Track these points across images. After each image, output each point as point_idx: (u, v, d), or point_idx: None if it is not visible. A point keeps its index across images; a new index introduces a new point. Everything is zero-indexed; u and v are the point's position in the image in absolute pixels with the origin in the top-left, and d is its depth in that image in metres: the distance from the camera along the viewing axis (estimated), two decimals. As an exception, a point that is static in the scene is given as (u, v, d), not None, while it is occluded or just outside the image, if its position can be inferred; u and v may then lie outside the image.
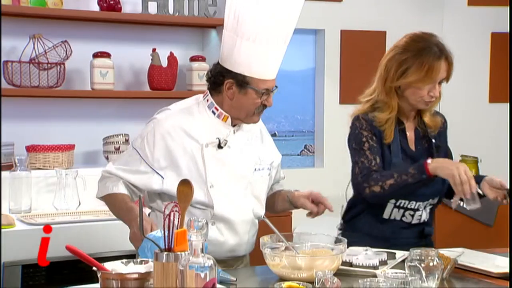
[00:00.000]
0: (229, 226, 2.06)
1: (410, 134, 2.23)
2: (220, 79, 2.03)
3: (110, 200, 2.05)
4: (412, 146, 2.22)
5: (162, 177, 2.02)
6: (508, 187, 2.09)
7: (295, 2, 1.99)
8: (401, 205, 2.16)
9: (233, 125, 2.09)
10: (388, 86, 2.17)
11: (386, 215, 2.19)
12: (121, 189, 2.03)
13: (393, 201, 2.16)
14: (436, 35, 2.19)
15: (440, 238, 3.27)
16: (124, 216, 1.98)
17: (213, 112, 2.07)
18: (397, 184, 2.07)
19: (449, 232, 3.36)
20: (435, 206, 2.26)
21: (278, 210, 2.29)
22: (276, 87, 2.06)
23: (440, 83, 2.15)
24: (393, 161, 2.16)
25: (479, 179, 2.18)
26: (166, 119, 2.05)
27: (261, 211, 2.13)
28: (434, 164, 2.04)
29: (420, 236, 2.24)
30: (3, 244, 2.18)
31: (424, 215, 2.21)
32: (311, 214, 2.14)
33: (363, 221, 2.23)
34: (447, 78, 2.16)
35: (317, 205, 2.12)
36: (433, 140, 2.23)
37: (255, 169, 2.11)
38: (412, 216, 2.19)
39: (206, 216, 2.01)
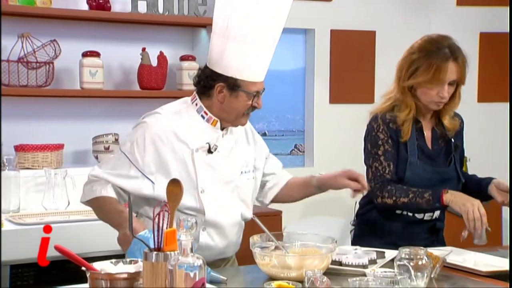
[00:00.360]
0: (219, 231, 2.05)
1: (427, 133, 2.27)
2: (210, 83, 2.01)
3: (98, 203, 2.02)
4: (429, 144, 2.27)
5: (152, 182, 2.00)
6: None
7: (284, 2, 1.99)
8: None
9: (222, 129, 2.07)
10: (401, 85, 2.21)
11: (398, 210, 2.22)
12: (110, 193, 2.00)
13: None
14: (451, 38, 2.23)
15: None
16: (113, 219, 1.95)
17: (202, 116, 2.05)
18: (410, 203, 2.15)
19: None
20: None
21: (299, 198, 2.28)
22: (264, 89, 2.06)
23: (453, 85, 2.19)
24: (409, 159, 2.20)
25: (487, 181, 2.23)
26: (156, 122, 2.02)
27: (249, 214, 2.13)
28: (450, 197, 2.10)
29: (432, 231, 2.27)
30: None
31: (437, 213, 2.25)
32: (356, 192, 2.11)
33: (375, 216, 2.27)
34: (461, 81, 2.20)
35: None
36: (452, 140, 2.28)
37: (242, 172, 2.11)
38: (424, 212, 2.22)
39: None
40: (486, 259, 2.02)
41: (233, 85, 1.98)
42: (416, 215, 2.22)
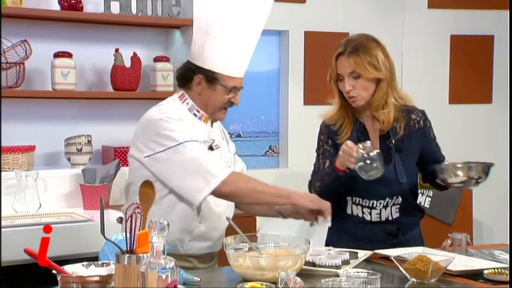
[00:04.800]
0: (213, 223, 2.10)
1: (373, 135, 2.25)
2: (190, 75, 2.10)
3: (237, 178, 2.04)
4: (376, 145, 2.22)
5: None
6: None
7: (264, 2, 2.09)
8: (357, 202, 2.23)
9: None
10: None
11: (348, 211, 2.25)
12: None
13: (349, 197, 2.23)
14: (358, 34, 2.34)
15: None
16: (276, 192, 2.04)
17: (194, 114, 2.12)
18: (322, 184, 2.18)
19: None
20: (402, 206, 2.25)
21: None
22: (242, 87, 2.13)
23: (357, 79, 2.18)
24: None
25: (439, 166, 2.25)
26: (166, 109, 2.07)
27: (232, 208, 2.19)
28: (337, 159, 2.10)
29: (389, 234, 2.24)
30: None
31: (385, 214, 2.23)
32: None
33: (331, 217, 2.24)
34: (361, 74, 2.18)
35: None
36: (393, 141, 2.23)
37: (229, 167, 2.16)
38: (370, 213, 2.23)
39: (192, 211, 2.05)
40: (457, 258, 2.04)
41: (211, 78, 2.07)
42: (365, 216, 2.22)
